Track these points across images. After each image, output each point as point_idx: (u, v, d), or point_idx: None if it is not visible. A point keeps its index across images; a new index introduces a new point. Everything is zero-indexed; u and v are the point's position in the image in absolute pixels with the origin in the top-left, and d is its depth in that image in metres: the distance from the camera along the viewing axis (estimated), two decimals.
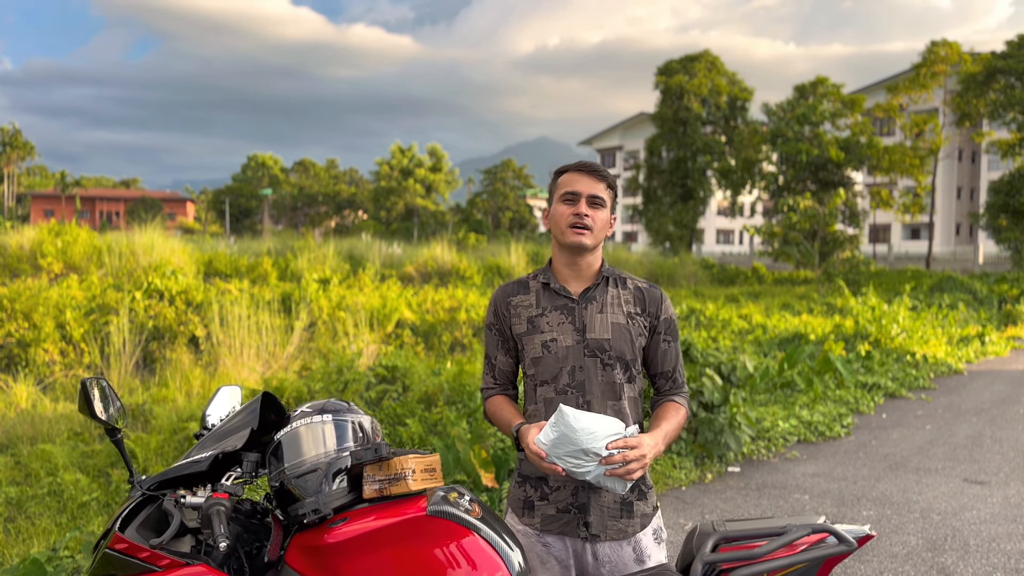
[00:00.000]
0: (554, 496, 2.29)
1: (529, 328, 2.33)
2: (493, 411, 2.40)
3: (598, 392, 2.26)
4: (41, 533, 5.36)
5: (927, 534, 5.03)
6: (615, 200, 2.36)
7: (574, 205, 2.27)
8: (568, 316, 2.31)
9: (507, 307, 2.38)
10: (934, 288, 22.69)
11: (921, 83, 34.64)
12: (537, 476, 2.32)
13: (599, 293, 2.33)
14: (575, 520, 2.27)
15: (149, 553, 1.83)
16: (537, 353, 2.31)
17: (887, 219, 51.69)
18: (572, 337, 2.29)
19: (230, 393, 2.42)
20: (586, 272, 2.35)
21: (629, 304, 2.34)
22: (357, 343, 11.59)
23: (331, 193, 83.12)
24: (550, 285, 2.35)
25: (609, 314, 2.31)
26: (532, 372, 2.33)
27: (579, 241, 2.26)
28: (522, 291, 2.39)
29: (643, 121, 64.71)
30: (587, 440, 1.99)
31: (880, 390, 9.71)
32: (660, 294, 2.38)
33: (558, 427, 2.02)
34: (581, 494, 2.27)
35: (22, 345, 12.55)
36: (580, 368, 2.27)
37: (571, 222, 2.26)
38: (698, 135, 43.51)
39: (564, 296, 2.33)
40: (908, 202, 35.91)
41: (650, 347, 2.37)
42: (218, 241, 33.83)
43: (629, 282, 2.39)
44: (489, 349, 2.45)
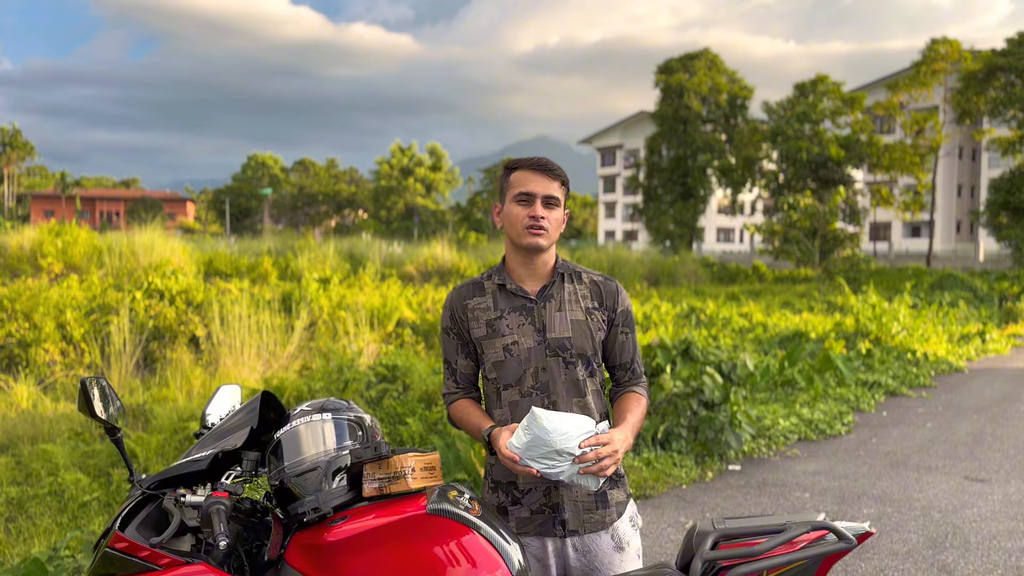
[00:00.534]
0: (526, 499, 2.28)
1: (489, 332, 2.30)
2: (459, 416, 2.36)
3: (562, 391, 2.25)
4: (42, 533, 5.37)
5: (928, 532, 5.03)
6: (567, 196, 2.33)
7: (529, 206, 2.24)
8: (527, 317, 2.28)
9: (464, 310, 2.34)
10: (935, 286, 22.68)
11: (921, 81, 34.61)
12: (508, 481, 2.30)
13: (556, 291, 2.31)
14: (550, 520, 2.26)
15: (149, 552, 1.83)
16: (499, 357, 2.28)
17: (887, 217, 51.68)
18: (533, 338, 2.26)
19: (230, 392, 2.42)
20: (541, 270, 2.32)
21: (586, 299, 2.32)
22: (357, 342, 11.59)
23: (331, 192, 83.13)
24: (506, 286, 2.31)
25: (568, 311, 2.29)
26: (494, 376, 2.30)
27: (536, 243, 2.24)
28: (478, 293, 2.34)
29: (643, 119, 64.69)
30: (560, 441, 1.99)
31: (881, 388, 9.71)
32: (616, 286, 2.37)
33: (531, 430, 2.01)
34: (554, 494, 2.26)
35: (23, 345, 12.56)
36: (543, 369, 2.25)
37: (527, 224, 2.23)
38: (698, 133, 43.50)
39: (522, 296, 2.30)
40: (908, 200, 35.89)
41: (608, 340, 2.35)
42: (218, 241, 33.84)
43: (584, 276, 2.36)
44: (448, 354, 2.40)
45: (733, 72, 44.88)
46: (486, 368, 2.33)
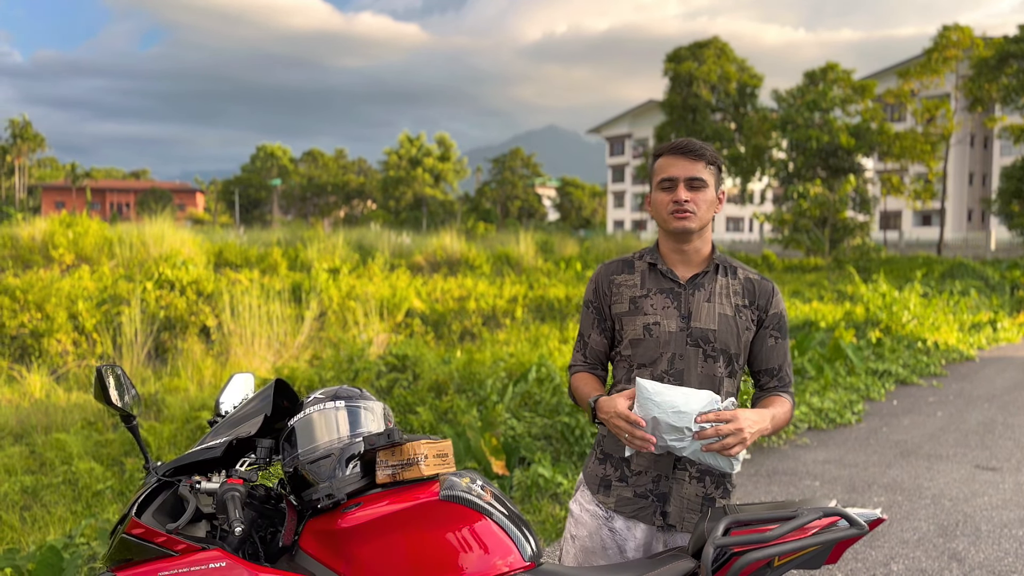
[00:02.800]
0: (634, 480, 2.23)
1: (631, 308, 2.25)
2: (577, 385, 2.31)
3: (696, 383, 2.17)
4: (57, 521, 5.42)
5: (938, 520, 5.03)
6: (720, 175, 2.25)
7: (672, 192, 2.19)
8: (673, 301, 2.22)
9: (609, 285, 2.30)
10: (945, 275, 22.57)
11: (932, 68, 34.36)
12: (620, 456, 2.24)
13: (707, 281, 2.24)
14: (652, 507, 2.22)
15: (165, 538, 1.86)
16: (638, 335, 2.22)
17: (898, 206, 51.41)
18: (676, 323, 2.20)
19: (243, 380, 2.44)
20: (694, 257, 2.26)
21: (738, 295, 2.24)
22: (367, 332, 11.63)
23: (340, 183, 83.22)
24: (657, 266, 2.26)
25: (716, 304, 2.22)
26: (629, 353, 2.25)
27: (683, 226, 2.18)
28: (627, 270, 2.30)
29: (652, 108, 64.45)
30: (673, 417, 1.92)
31: (891, 377, 9.69)
32: (772, 287, 2.28)
33: (640, 401, 1.94)
34: (663, 483, 2.21)
35: (35, 336, 12.65)
36: (680, 356, 2.19)
37: (671, 209, 2.18)
38: (707, 122, 43.32)
39: (671, 280, 2.24)
40: (919, 188, 35.69)
41: (756, 342, 2.27)
42: (228, 231, 33.93)
43: (740, 272, 2.29)
44: (584, 327, 2.36)
45: (742, 60, 44.63)
46: (622, 345, 2.27)
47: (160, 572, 1.81)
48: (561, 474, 5.48)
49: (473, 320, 14.85)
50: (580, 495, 2.37)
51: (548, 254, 27.35)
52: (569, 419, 6.24)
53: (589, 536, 2.29)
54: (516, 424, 6.12)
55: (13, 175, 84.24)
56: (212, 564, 1.81)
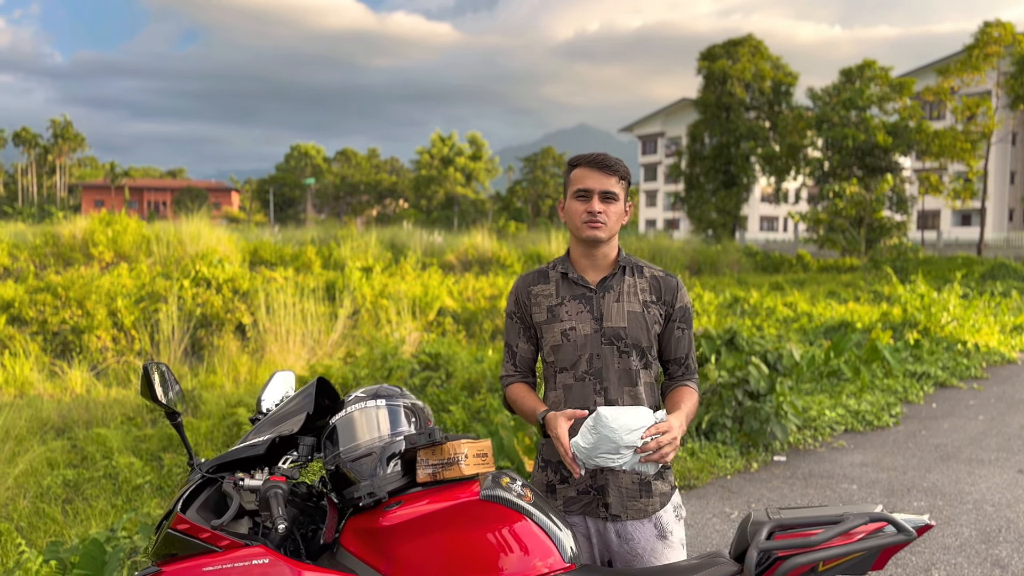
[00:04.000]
0: (573, 479, 2.36)
1: (549, 317, 2.40)
2: (514, 398, 2.45)
3: (615, 379, 2.34)
4: (98, 514, 5.52)
5: (980, 525, 4.93)
6: (628, 189, 2.40)
7: (587, 202, 2.33)
8: (586, 305, 2.38)
9: (528, 296, 2.45)
10: (986, 275, 22.16)
11: (973, 65, 33.68)
12: (557, 460, 2.39)
13: (616, 282, 2.40)
14: (595, 501, 2.35)
15: (210, 534, 1.88)
16: (557, 341, 2.38)
17: (936, 205, 50.52)
18: (590, 326, 2.36)
19: (284, 378, 2.46)
20: (603, 262, 2.41)
21: (645, 292, 2.40)
22: (400, 330, 11.69)
23: (372, 182, 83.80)
24: (568, 275, 2.41)
25: (625, 303, 2.37)
26: (552, 359, 2.40)
27: (594, 235, 2.33)
28: (542, 280, 2.45)
29: (685, 107, 64.00)
30: (626, 437, 2.01)
31: (930, 379, 9.52)
32: (676, 282, 2.44)
33: (597, 431, 2.03)
34: (599, 476, 2.34)
35: (76, 332, 12.89)
36: (597, 356, 2.34)
37: (585, 219, 2.33)
38: (741, 121, 42.91)
39: (582, 286, 2.40)
40: (959, 187, 35.02)
41: (664, 334, 2.43)
42: (263, 230, 34.31)
43: (646, 270, 2.45)
44: (510, 337, 2.51)
45: (777, 58, 44.15)
46: (544, 352, 2.43)
47: (205, 567, 1.84)
48: None
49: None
50: None
51: None
52: None
53: None
54: None
55: (55, 174, 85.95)
56: (255, 560, 1.83)
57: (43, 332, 12.96)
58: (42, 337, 12.78)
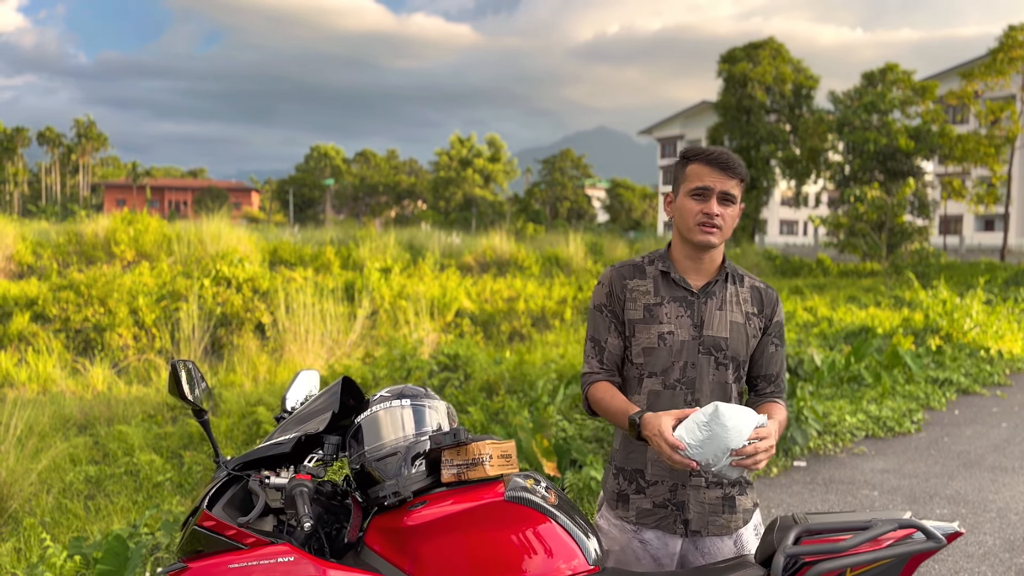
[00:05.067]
0: (651, 490, 2.22)
1: (646, 316, 2.23)
2: (601, 397, 2.24)
3: (707, 391, 2.19)
4: (119, 511, 5.57)
5: (1005, 534, 4.88)
6: (744, 191, 2.26)
7: (704, 202, 2.16)
8: (687, 309, 2.22)
9: (623, 289, 2.27)
10: (1010, 281, 21.90)
11: (998, 69, 33.29)
12: (634, 468, 2.25)
13: (719, 289, 2.25)
14: (672, 516, 2.21)
15: (235, 531, 1.89)
16: (651, 344, 2.21)
17: (959, 210, 50.01)
18: (689, 332, 2.20)
19: (308, 377, 2.47)
20: (708, 267, 2.26)
21: (747, 303, 2.26)
22: (418, 331, 11.72)
23: (391, 183, 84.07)
24: (670, 275, 2.25)
25: (728, 312, 2.23)
26: (640, 361, 2.23)
27: (707, 240, 2.18)
28: (638, 275, 2.28)
29: (705, 110, 63.76)
30: (735, 439, 1.91)
31: (952, 386, 9.42)
32: (776, 296, 2.31)
33: (711, 428, 1.92)
34: (680, 491, 2.20)
35: (98, 329, 13.03)
36: (693, 365, 2.19)
37: (700, 220, 2.16)
38: (762, 124, 42.70)
39: (684, 288, 2.23)
40: (982, 192, 34.64)
41: (758, 348, 2.28)
42: (282, 230, 34.51)
43: (746, 279, 2.31)
44: (598, 331, 2.30)
45: (798, 61, 43.91)
46: (633, 352, 2.26)
47: (230, 564, 1.85)
48: None
49: (522, 321, 14.87)
50: (604, 510, 2.37)
51: (598, 256, 27.23)
52: None
53: (622, 550, 2.28)
54: (567, 426, 6.10)
55: (78, 173, 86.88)
56: (281, 558, 1.84)
57: (66, 330, 13.10)
58: (65, 335, 12.93)
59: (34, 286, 14.85)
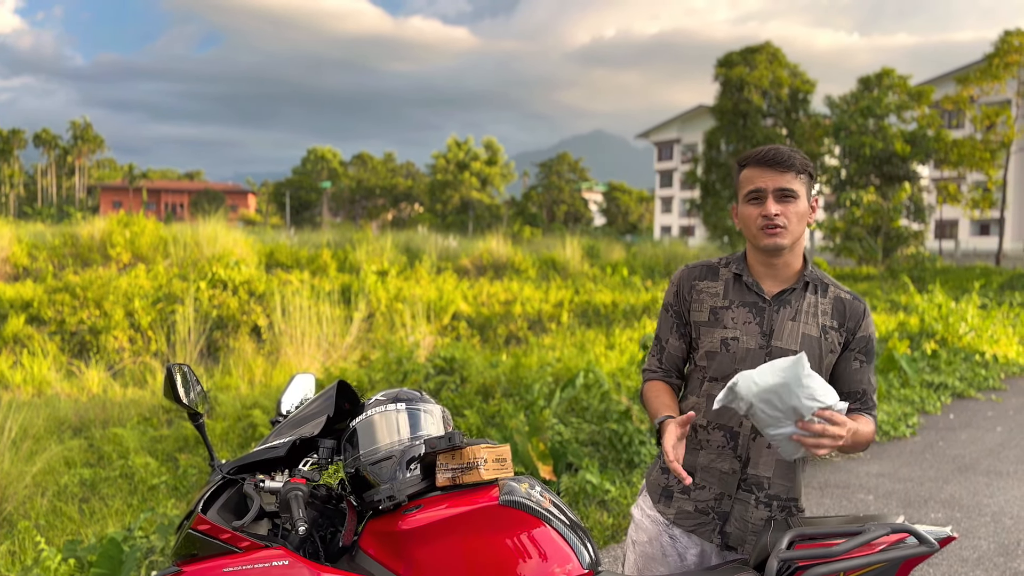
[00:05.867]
0: (696, 493, 2.18)
1: (711, 319, 2.16)
2: (650, 395, 2.22)
3: None
4: (114, 514, 5.55)
5: (999, 539, 4.89)
6: (811, 181, 2.12)
7: (760, 204, 2.07)
8: (756, 316, 2.12)
9: (691, 290, 2.21)
10: (1005, 285, 21.98)
11: (993, 74, 33.42)
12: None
13: (795, 298, 2.13)
14: (711, 525, 2.17)
15: (230, 535, 1.89)
16: (714, 348, 2.14)
17: (954, 214, 50.14)
18: (756, 340, 2.10)
19: (304, 380, 2.48)
20: (784, 272, 2.14)
21: (826, 315, 2.13)
22: (415, 334, 11.71)
23: (388, 186, 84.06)
24: (742, 278, 2.16)
25: (802, 323, 2.11)
26: (704, 364, 2.17)
27: (774, 243, 2.06)
28: (710, 276, 2.21)
29: (701, 114, 63.89)
30: (806, 401, 1.78)
31: (947, 390, 9.45)
32: (864, 309, 2.15)
33: (787, 374, 1.78)
34: (725, 501, 2.15)
35: (94, 332, 13.00)
36: None
37: (760, 224, 2.07)
38: (758, 128, 42.76)
39: (756, 293, 2.14)
40: (977, 197, 34.75)
41: (839, 364, 2.15)
42: (279, 233, 34.50)
43: (831, 290, 2.17)
44: (662, 331, 2.27)
45: (795, 65, 43.99)
46: (697, 355, 2.20)
47: (225, 568, 1.84)
48: (609, 481, 5.45)
49: (519, 324, 14.87)
50: (642, 500, 2.33)
51: (594, 259, 27.26)
52: (617, 426, 6.20)
53: (649, 542, 2.26)
54: (563, 430, 6.10)
55: (74, 175, 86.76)
56: (275, 562, 1.84)
57: (61, 332, 13.07)
58: (60, 337, 12.90)
59: (29, 288, 14.82)
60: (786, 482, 2.16)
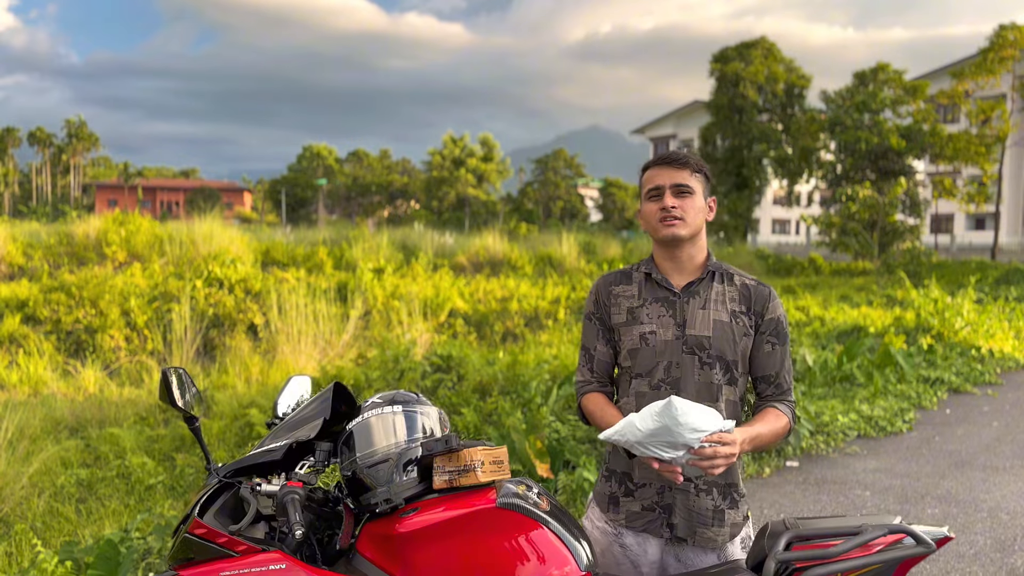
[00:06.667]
0: (639, 493, 2.25)
1: (628, 319, 2.27)
2: (592, 409, 2.32)
3: (693, 391, 2.19)
4: (111, 514, 5.55)
5: (995, 534, 4.90)
6: (708, 183, 2.27)
7: (660, 200, 2.22)
8: (669, 309, 2.24)
9: (608, 296, 2.33)
10: (1000, 280, 22.01)
11: (988, 68, 33.42)
12: (622, 471, 2.28)
13: (703, 288, 2.26)
14: (659, 519, 2.23)
15: (227, 539, 1.89)
16: (635, 345, 2.25)
17: (950, 209, 50.17)
18: (672, 331, 2.22)
19: (300, 383, 2.47)
20: (688, 265, 2.28)
21: (734, 302, 2.25)
22: (411, 332, 11.71)
23: (384, 183, 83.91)
24: (652, 276, 2.29)
25: (712, 311, 2.23)
26: (628, 364, 2.27)
27: (672, 232, 2.21)
28: (624, 281, 2.34)
29: (697, 109, 63.88)
30: (688, 435, 1.89)
31: (943, 385, 9.46)
32: (769, 292, 2.28)
33: (662, 419, 1.90)
34: (667, 494, 2.22)
35: (89, 331, 12.97)
36: (677, 364, 2.20)
37: (659, 217, 2.22)
38: (754, 123, 42.78)
39: (666, 288, 2.27)
40: (973, 191, 34.78)
41: (753, 348, 2.26)
42: (275, 230, 34.43)
43: (736, 278, 2.30)
44: (588, 340, 2.38)
45: (790, 60, 44.01)
46: (621, 356, 2.30)
47: (222, 572, 1.84)
48: None
49: (515, 321, 14.87)
50: (591, 512, 2.40)
51: (591, 255, 27.25)
52: None
53: (602, 553, 2.31)
54: (560, 427, 6.10)
55: (69, 174, 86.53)
56: (272, 566, 1.83)
57: (57, 331, 13.04)
58: (56, 336, 12.87)
59: (25, 287, 14.78)
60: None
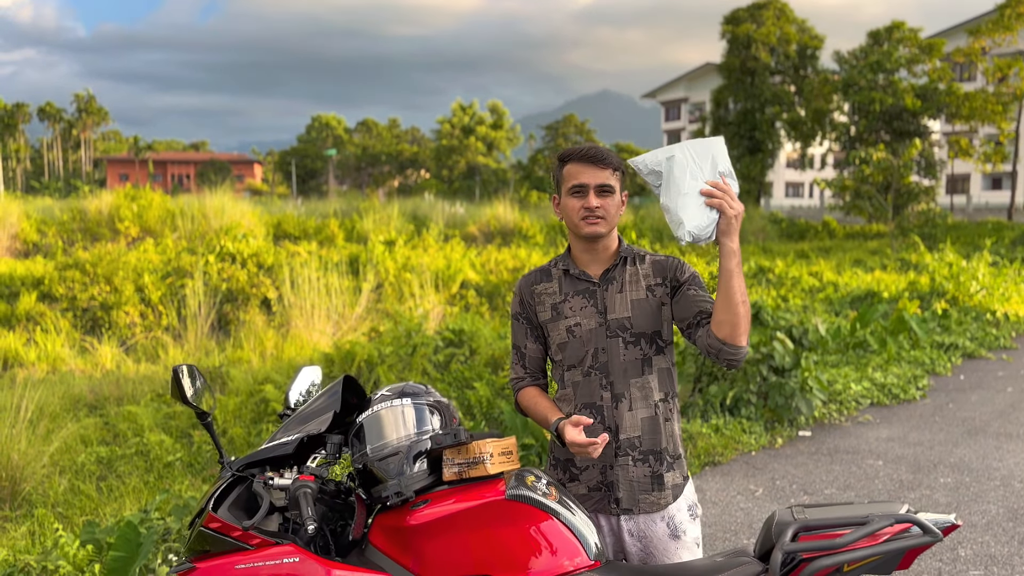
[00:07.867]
0: (584, 476, 2.35)
1: (553, 315, 2.38)
2: (527, 404, 2.43)
3: (620, 372, 2.31)
4: (131, 492, 5.64)
5: (1008, 503, 4.91)
6: (623, 179, 2.37)
7: (583, 198, 2.29)
8: (590, 299, 2.36)
9: (532, 295, 2.43)
10: (1017, 241, 21.82)
11: (1005, 25, 32.80)
12: (565, 459, 2.38)
13: (618, 273, 2.37)
14: (605, 497, 2.33)
15: (241, 532, 1.92)
16: (562, 338, 2.36)
17: (966, 169, 49.56)
18: (595, 320, 2.34)
19: (310, 372, 2.50)
20: (603, 255, 2.39)
21: (648, 277, 2.37)
22: (423, 304, 11.74)
23: (394, 153, 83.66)
24: (570, 271, 2.39)
25: (628, 292, 2.34)
26: (559, 358, 2.39)
27: (594, 231, 2.30)
28: (545, 279, 2.44)
29: (709, 72, 63.13)
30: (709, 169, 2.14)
31: (958, 350, 9.43)
32: (678, 261, 2.40)
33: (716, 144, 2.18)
34: (609, 472, 2.32)
35: (105, 308, 13.08)
36: (603, 349, 2.32)
37: (583, 215, 2.30)
38: (766, 85, 42.26)
39: (585, 280, 2.37)
40: (989, 151, 34.32)
41: (680, 303, 2.33)
42: (285, 202, 34.45)
43: (648, 257, 2.41)
44: (518, 339, 2.48)
45: (802, 21, 43.34)
46: (552, 351, 2.42)
47: (237, 565, 1.88)
48: None
49: None
50: None
51: None
52: None
53: None
54: None
55: (79, 148, 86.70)
56: (286, 559, 1.86)
57: (73, 308, 13.16)
58: (72, 313, 12.98)
59: (40, 265, 14.90)
60: (654, 435, 2.32)
